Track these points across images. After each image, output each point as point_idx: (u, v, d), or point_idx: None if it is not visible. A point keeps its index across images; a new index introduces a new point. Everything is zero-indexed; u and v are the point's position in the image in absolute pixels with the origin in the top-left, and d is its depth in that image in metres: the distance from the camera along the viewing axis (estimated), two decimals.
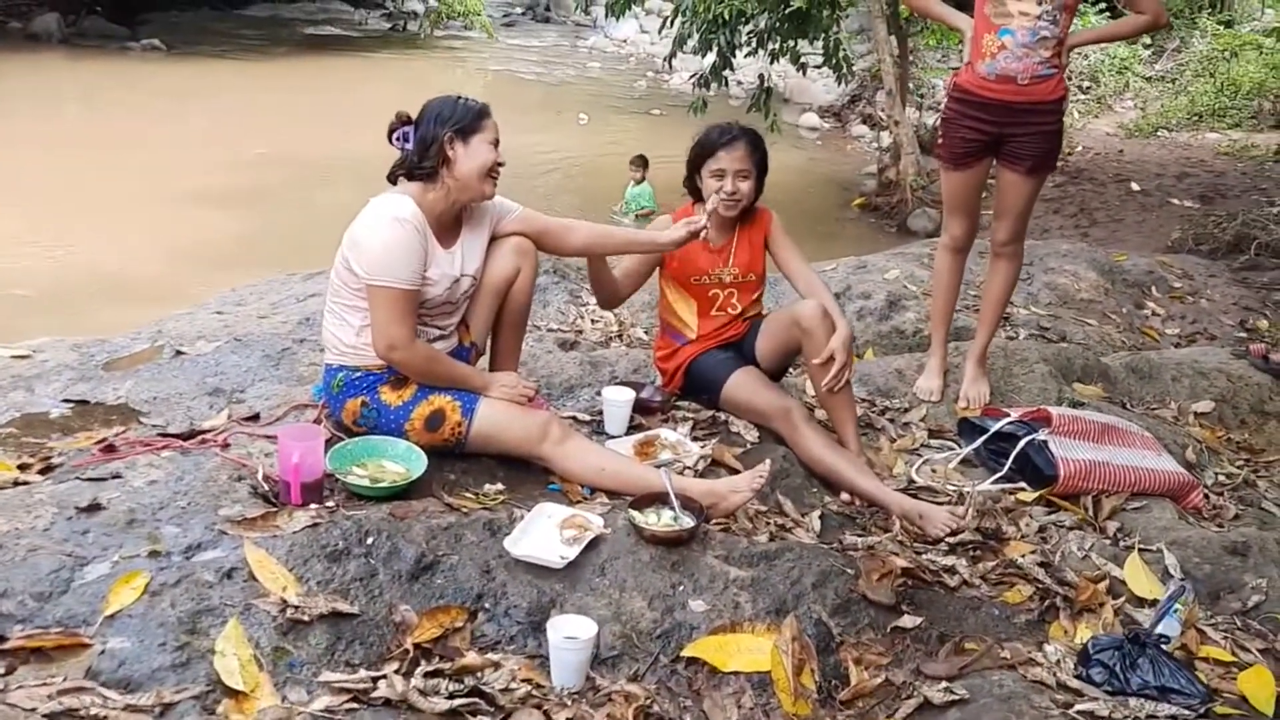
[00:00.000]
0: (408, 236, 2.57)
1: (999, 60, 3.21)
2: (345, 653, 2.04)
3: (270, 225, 7.90)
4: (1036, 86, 3.22)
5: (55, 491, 2.34)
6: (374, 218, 2.60)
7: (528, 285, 2.93)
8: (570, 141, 11.60)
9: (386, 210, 2.59)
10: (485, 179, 2.68)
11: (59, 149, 9.84)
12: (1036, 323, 4.64)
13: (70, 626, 1.93)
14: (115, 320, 4.55)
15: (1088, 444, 3.08)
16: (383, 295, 2.56)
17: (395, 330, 2.57)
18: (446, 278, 2.70)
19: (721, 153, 3.10)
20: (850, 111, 13.57)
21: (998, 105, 3.26)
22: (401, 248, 2.56)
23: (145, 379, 3.06)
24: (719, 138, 3.13)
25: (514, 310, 2.95)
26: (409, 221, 2.58)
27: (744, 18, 9.02)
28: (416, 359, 2.63)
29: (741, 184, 3.10)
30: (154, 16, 17.11)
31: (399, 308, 2.57)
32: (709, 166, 3.12)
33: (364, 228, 2.60)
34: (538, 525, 2.44)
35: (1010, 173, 3.37)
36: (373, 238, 2.57)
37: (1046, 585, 2.61)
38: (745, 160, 3.11)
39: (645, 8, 12.24)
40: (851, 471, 2.97)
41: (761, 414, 3.11)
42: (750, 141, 3.14)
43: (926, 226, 8.71)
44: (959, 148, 3.38)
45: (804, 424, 3.02)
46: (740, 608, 2.30)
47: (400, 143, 2.68)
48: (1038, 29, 3.16)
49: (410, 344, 2.61)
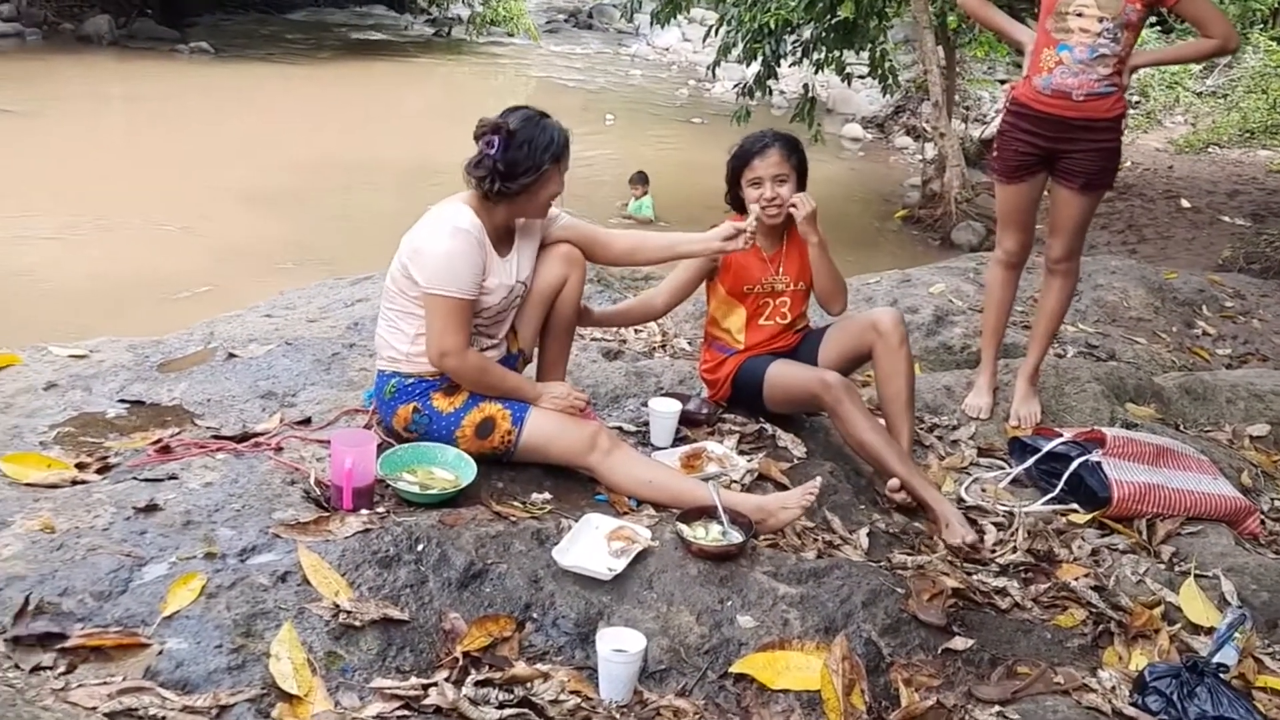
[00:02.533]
0: (469, 247, 2.59)
1: (1055, 75, 3.18)
2: (396, 659, 2.05)
3: (313, 229, 7.98)
4: (1093, 103, 3.18)
5: (113, 491, 2.37)
6: (436, 227, 2.62)
7: (576, 293, 2.93)
8: (607, 148, 11.62)
9: (448, 220, 2.61)
10: (548, 204, 2.75)
11: (108, 149, 10.02)
12: (1085, 340, 4.59)
13: (129, 626, 1.95)
14: (165, 320, 4.61)
15: (1142, 466, 3.04)
16: (440, 304, 2.58)
17: (450, 339, 2.59)
18: (504, 286, 2.72)
19: (756, 160, 3.10)
20: (894, 122, 13.50)
21: (1053, 120, 3.22)
22: (462, 258, 2.58)
23: (199, 380, 3.09)
24: (751, 146, 3.13)
25: (562, 318, 2.96)
26: (470, 232, 2.60)
27: (789, 27, 9.01)
28: (470, 368, 2.64)
29: (780, 188, 3.09)
30: (202, 20, 17.38)
31: (455, 317, 2.59)
32: (746, 176, 3.12)
33: (425, 237, 2.62)
34: (585, 536, 2.44)
35: (1064, 189, 3.34)
36: (435, 247, 2.59)
37: (1100, 610, 2.57)
38: (781, 164, 3.09)
39: (689, 16, 12.25)
40: (895, 458, 2.96)
41: (805, 392, 3.06)
42: (784, 146, 3.12)
43: (971, 240, 8.64)
44: (1013, 161, 3.35)
45: (849, 400, 2.97)
46: (789, 625, 2.29)
47: (486, 148, 2.62)
48: (1097, 46, 3.13)
49: (464, 353, 2.62)
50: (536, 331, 2.95)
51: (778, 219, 3.13)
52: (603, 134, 12.33)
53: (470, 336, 2.66)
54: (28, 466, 2.48)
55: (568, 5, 22.94)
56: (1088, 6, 3.12)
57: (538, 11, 20.98)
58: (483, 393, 2.69)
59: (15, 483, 2.42)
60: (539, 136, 2.62)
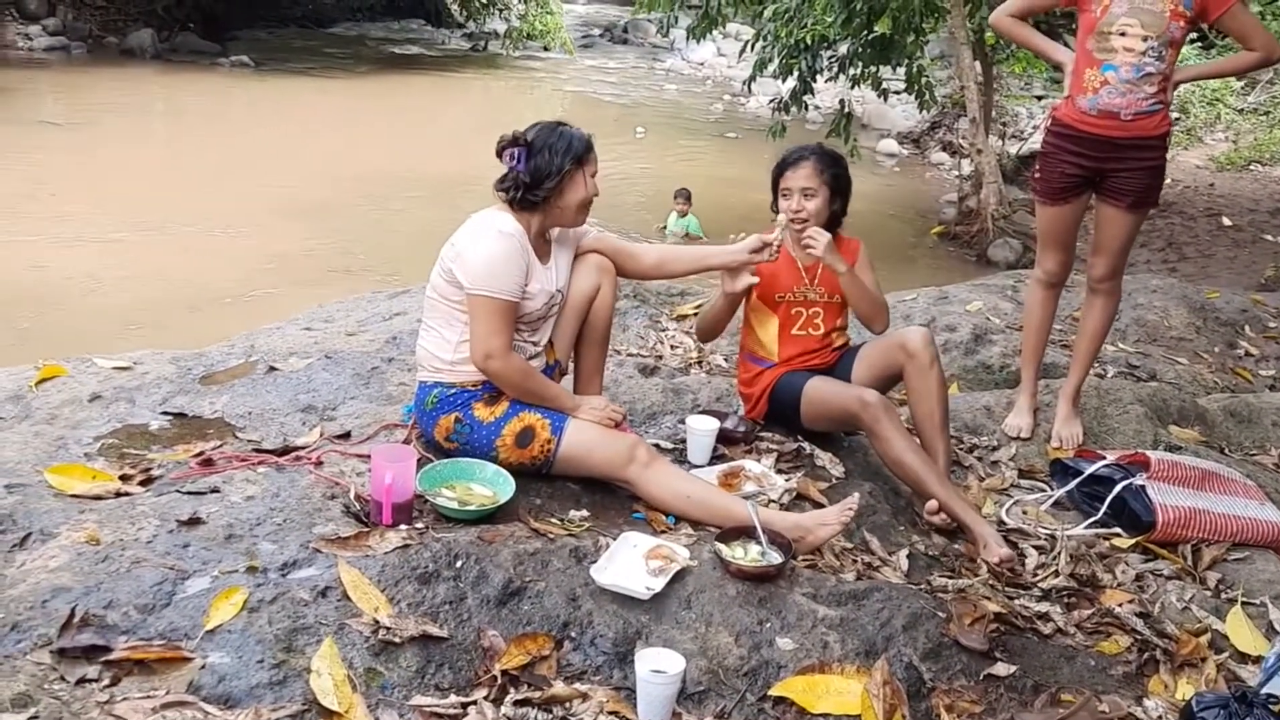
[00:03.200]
0: (512, 249, 2.63)
1: (1101, 95, 3.15)
2: (435, 676, 2.05)
3: (351, 241, 8.05)
4: (1141, 122, 3.15)
5: (157, 504, 2.39)
6: (479, 230, 2.66)
7: (609, 302, 2.95)
8: (639, 161, 11.65)
9: (491, 223, 2.66)
10: (582, 210, 2.76)
11: (150, 161, 10.17)
12: (1125, 360, 4.54)
13: (173, 640, 1.96)
14: (206, 331, 4.67)
15: (1187, 490, 2.99)
16: (484, 305, 2.60)
17: (494, 341, 2.61)
18: (545, 292, 2.74)
19: (789, 171, 3.13)
20: (930, 138, 13.45)
21: (1099, 140, 3.19)
22: (506, 259, 2.61)
23: (240, 394, 3.12)
24: (788, 157, 3.17)
25: (596, 328, 2.97)
26: (513, 236, 2.64)
27: (826, 43, 9.00)
28: (513, 371, 2.66)
29: (807, 202, 3.09)
30: (244, 34, 17.62)
31: (499, 319, 2.61)
32: (780, 187, 3.15)
33: (468, 239, 2.65)
34: (623, 554, 2.43)
35: (1111, 208, 3.30)
36: (478, 249, 2.62)
37: (1145, 637, 2.53)
38: (812, 179, 3.10)
39: (724, 31, 12.27)
40: (934, 479, 2.93)
41: (843, 410, 3.03)
42: (820, 160, 3.13)
43: (1008, 257, 8.58)
44: (1057, 183, 3.32)
45: (886, 419, 2.95)
46: (829, 647, 2.27)
47: (510, 161, 2.69)
48: (1142, 65, 3.10)
49: (508, 355, 2.64)
50: (571, 343, 2.97)
51: (803, 233, 3.11)
52: (634, 146, 12.38)
53: (513, 341, 2.68)
54: (73, 478, 2.51)
55: (603, 20, 23.07)
56: (1131, 25, 3.09)
57: (573, 26, 21.10)
58: (524, 399, 2.70)
59: (60, 494, 2.45)
60: (557, 142, 2.67)
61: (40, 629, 1.94)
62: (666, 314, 4.66)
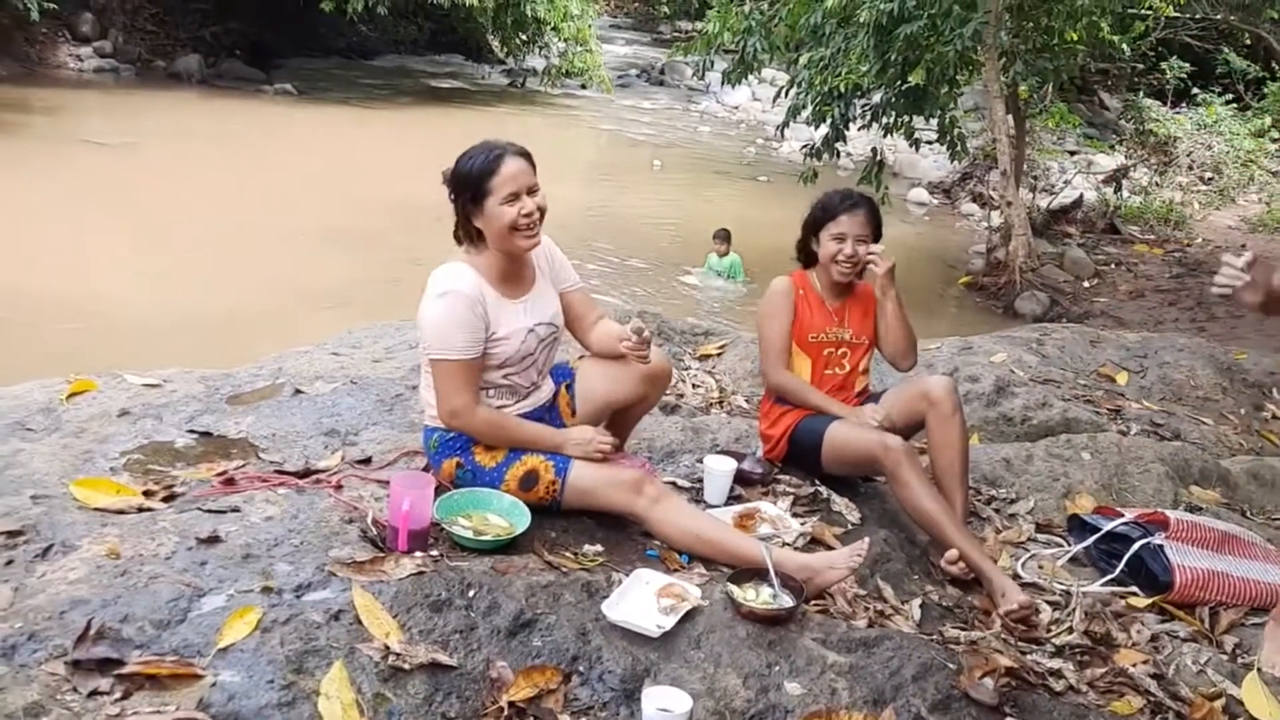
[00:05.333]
0: (458, 309, 2.59)
1: None
2: (442, 705, 2.06)
3: (383, 269, 8.14)
4: None
5: (178, 520, 2.42)
6: (429, 294, 2.64)
7: (651, 406, 3.02)
8: (670, 203, 11.74)
9: (437, 285, 2.63)
10: (513, 235, 2.63)
11: (192, 183, 10.34)
12: (1149, 418, 4.51)
13: (185, 656, 1.99)
14: (234, 352, 4.73)
15: (1206, 552, 2.97)
16: (440, 368, 2.62)
17: (457, 400, 2.62)
18: (519, 330, 2.71)
19: (844, 216, 3.16)
20: (960, 189, 13.47)
21: None
22: (452, 321, 2.59)
23: (265, 415, 3.16)
24: (841, 202, 3.19)
25: (631, 419, 3.03)
26: (460, 293, 2.60)
27: (860, 91, 9.07)
28: (479, 425, 2.66)
29: (860, 248, 3.16)
30: (288, 62, 17.94)
31: (457, 378, 2.61)
32: (830, 230, 3.18)
33: (423, 303, 2.65)
34: (635, 591, 2.44)
35: None
36: (426, 313, 2.63)
37: (1158, 699, 2.50)
38: (865, 226, 3.17)
39: (759, 76, 12.39)
40: (953, 528, 2.93)
41: (865, 454, 3.03)
42: (871, 209, 3.21)
43: (1035, 310, 8.56)
44: None
45: (908, 465, 2.95)
46: (837, 694, 2.26)
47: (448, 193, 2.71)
48: None
49: (472, 410, 2.64)
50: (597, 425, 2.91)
51: (849, 276, 3.21)
52: (663, 186, 12.47)
53: (478, 394, 2.67)
54: (97, 491, 2.56)
55: (641, 61, 23.32)
56: None
57: (611, 66, 21.34)
58: (504, 447, 2.70)
59: (84, 507, 2.50)
60: (455, 177, 2.65)
61: (56, 639, 1.97)
62: (689, 353, 4.68)
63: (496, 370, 2.71)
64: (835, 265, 3.17)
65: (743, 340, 4.81)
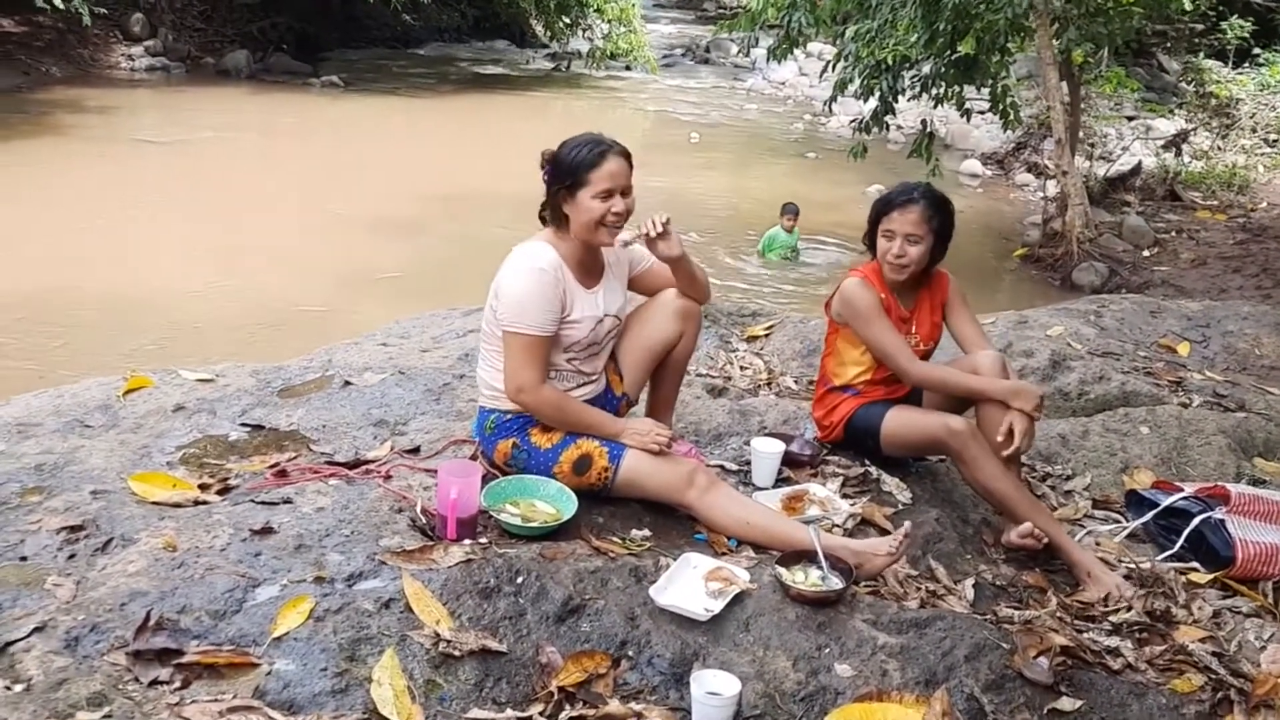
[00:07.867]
0: (543, 285, 2.64)
1: None
2: (493, 690, 2.08)
3: (431, 258, 8.20)
4: None
5: (232, 513, 2.47)
6: (514, 266, 2.69)
7: (690, 347, 2.98)
8: (720, 182, 11.68)
9: (525, 259, 2.68)
10: (598, 229, 2.68)
11: (242, 177, 10.50)
12: (1213, 389, 4.39)
13: (241, 646, 2.03)
14: (286, 345, 4.81)
15: (1270, 526, 2.89)
16: (515, 341, 2.64)
17: (525, 375, 2.65)
18: (590, 318, 2.75)
19: (895, 213, 3.03)
20: (1014, 159, 13.20)
21: None
22: (536, 296, 2.63)
23: (316, 407, 3.21)
24: (896, 196, 3.07)
25: (674, 368, 3.01)
26: (547, 271, 2.65)
27: (908, 63, 8.92)
28: (544, 403, 2.68)
29: (910, 248, 3.01)
30: (334, 55, 18.11)
31: (529, 353, 2.64)
32: (883, 225, 3.07)
33: (505, 276, 2.69)
34: (683, 575, 2.44)
35: None
36: (512, 286, 2.66)
37: (1220, 676, 2.45)
38: (919, 225, 3.00)
39: (806, 51, 12.25)
40: (1028, 504, 2.88)
41: (928, 438, 2.99)
42: (930, 204, 3.03)
43: (1093, 281, 8.38)
44: None
45: (975, 445, 2.89)
46: (888, 675, 2.24)
47: (544, 178, 2.75)
48: None
49: (539, 388, 2.66)
50: (643, 381, 2.99)
51: (901, 276, 3.07)
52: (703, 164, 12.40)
53: (547, 372, 2.70)
54: (154, 486, 2.62)
55: (685, 39, 23.17)
56: None
57: (656, 45, 21.23)
58: (565, 429, 2.72)
59: (142, 501, 2.56)
60: (560, 161, 2.68)
61: (117, 630, 2.02)
62: (737, 334, 4.66)
63: (562, 354, 2.75)
64: (885, 263, 3.07)
65: (791, 321, 4.77)
